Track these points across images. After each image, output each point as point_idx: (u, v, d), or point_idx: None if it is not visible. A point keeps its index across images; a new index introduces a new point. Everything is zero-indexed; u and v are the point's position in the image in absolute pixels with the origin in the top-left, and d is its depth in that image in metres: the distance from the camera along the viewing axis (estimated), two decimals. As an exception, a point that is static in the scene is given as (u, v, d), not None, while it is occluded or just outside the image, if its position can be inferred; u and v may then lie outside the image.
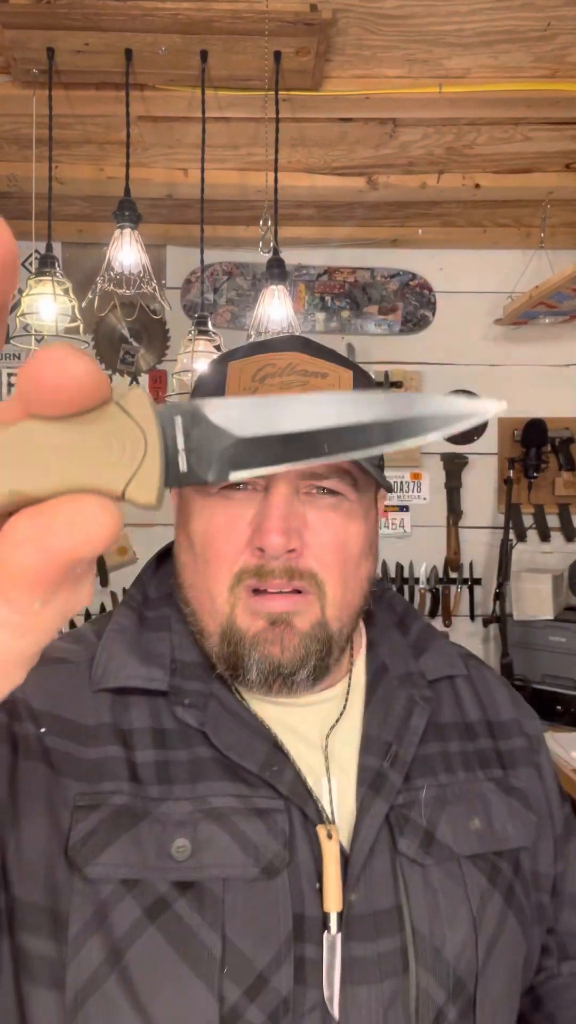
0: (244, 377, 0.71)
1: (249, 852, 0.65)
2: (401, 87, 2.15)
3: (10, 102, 2.22)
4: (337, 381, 0.73)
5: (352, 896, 0.66)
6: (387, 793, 0.71)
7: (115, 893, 0.63)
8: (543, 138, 2.42)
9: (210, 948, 0.62)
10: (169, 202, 2.77)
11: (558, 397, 3.22)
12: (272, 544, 0.67)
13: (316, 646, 0.71)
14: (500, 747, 0.81)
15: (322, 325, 3.22)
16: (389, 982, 0.65)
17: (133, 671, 0.72)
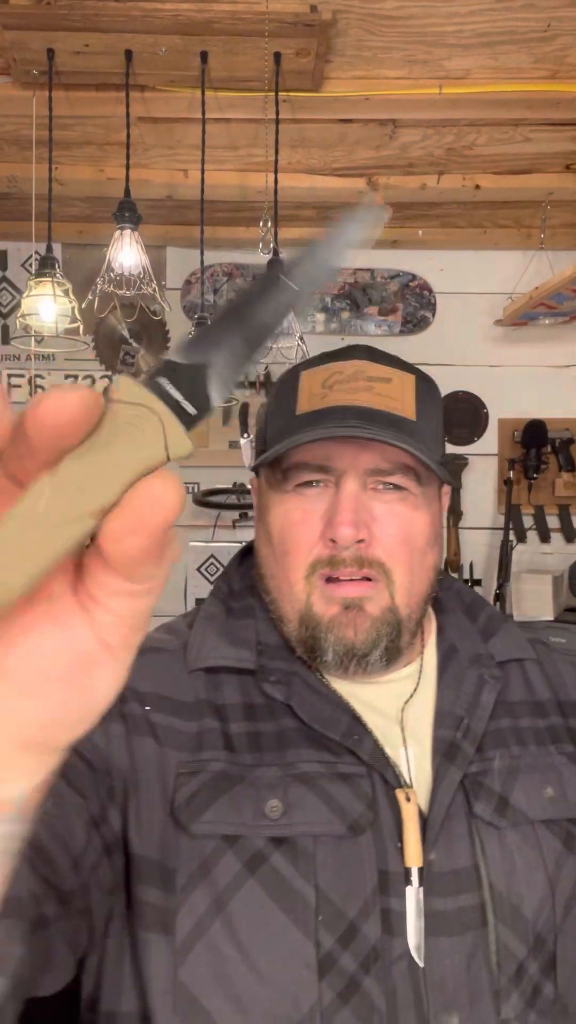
0: (314, 385, 0.78)
1: (336, 812, 0.72)
2: (401, 88, 2.15)
3: (10, 103, 2.22)
4: (400, 385, 0.78)
5: (431, 855, 0.72)
6: (461, 762, 0.76)
7: (217, 848, 0.70)
8: (543, 139, 2.41)
9: (305, 897, 0.69)
10: (169, 203, 2.77)
11: (558, 398, 3.22)
12: (343, 535, 0.73)
13: (387, 629, 0.77)
14: (571, 724, 0.84)
15: (322, 326, 3.22)
16: (470, 935, 0.70)
17: (224, 652, 0.80)
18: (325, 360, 0.81)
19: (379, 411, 0.76)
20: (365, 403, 0.76)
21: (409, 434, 0.75)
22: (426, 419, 0.79)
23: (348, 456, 0.76)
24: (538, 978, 0.71)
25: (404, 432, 0.75)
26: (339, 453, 0.76)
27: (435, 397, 0.83)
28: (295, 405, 0.79)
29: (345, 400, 0.76)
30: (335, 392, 0.76)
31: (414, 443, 0.74)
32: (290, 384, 0.80)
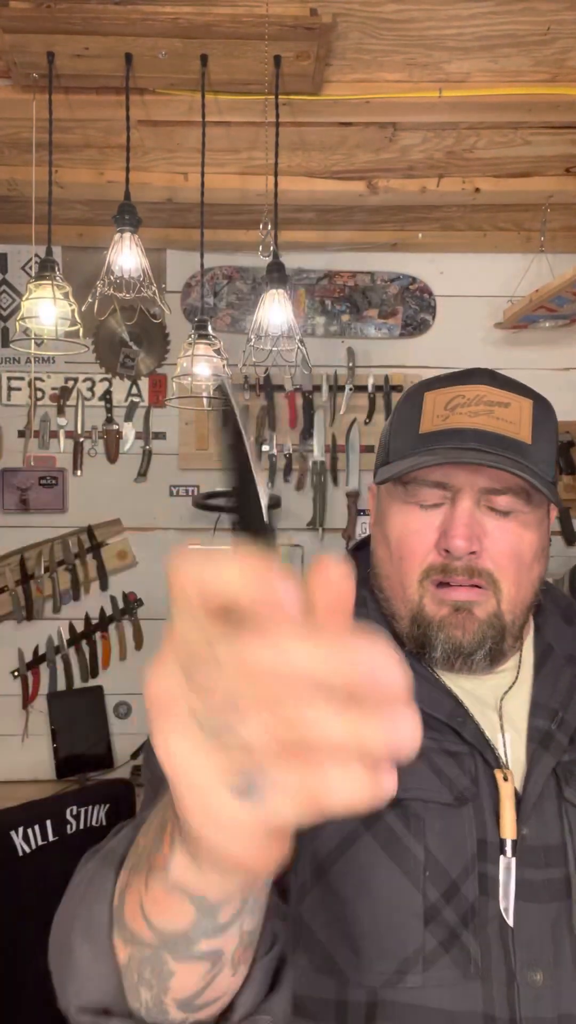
0: (438, 406, 0.85)
1: (444, 782, 0.80)
2: (401, 91, 2.15)
3: (10, 106, 2.22)
4: (519, 410, 0.85)
5: (524, 830, 0.79)
6: (555, 750, 0.83)
7: None
8: (543, 142, 2.42)
9: (415, 854, 0.77)
10: (169, 206, 2.77)
11: (558, 401, 3.16)
12: (457, 547, 0.80)
13: (492, 632, 0.83)
14: None
15: (322, 329, 3.22)
16: (555, 904, 0.78)
17: None
18: (449, 382, 0.87)
19: (497, 434, 0.82)
20: (484, 426, 0.82)
21: (523, 457, 0.81)
22: (540, 443, 0.84)
23: (465, 476, 0.82)
24: None
25: (519, 454, 0.81)
26: (457, 473, 0.82)
27: (551, 421, 0.88)
28: (419, 423, 0.85)
29: (466, 423, 0.83)
30: (457, 414, 0.83)
31: (525, 466, 0.81)
32: (415, 403, 0.87)
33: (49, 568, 3.16)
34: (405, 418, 0.87)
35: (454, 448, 0.81)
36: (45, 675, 3.14)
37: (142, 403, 3.22)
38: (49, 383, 3.20)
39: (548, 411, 0.89)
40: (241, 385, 3.12)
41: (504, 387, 0.87)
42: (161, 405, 3.20)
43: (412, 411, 0.86)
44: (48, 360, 3.17)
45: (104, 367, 3.19)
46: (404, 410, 0.88)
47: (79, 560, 3.17)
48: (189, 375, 2.28)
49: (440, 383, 0.88)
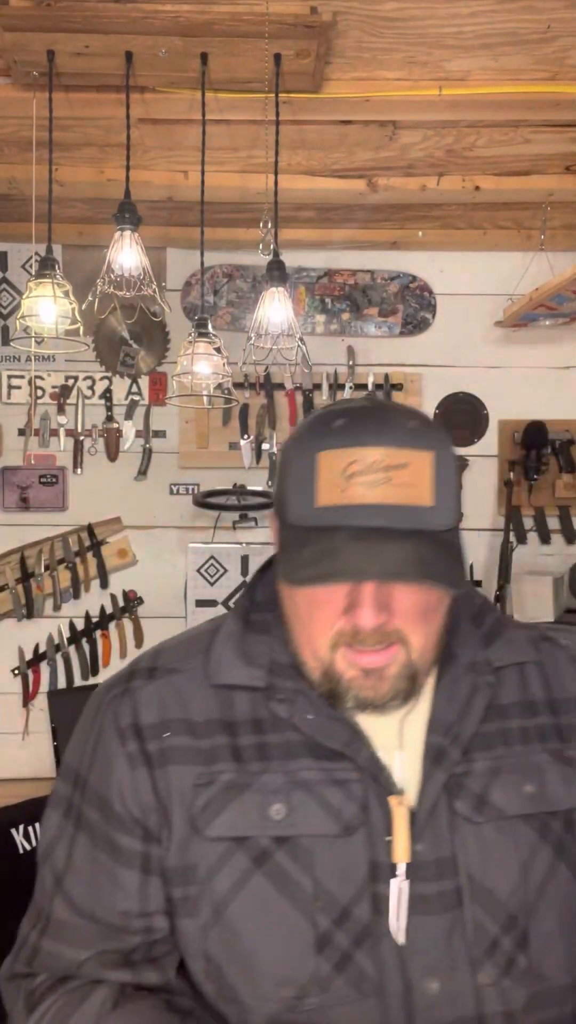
0: (333, 472, 0.80)
1: (331, 814, 0.83)
2: (401, 89, 2.15)
3: (10, 104, 2.22)
4: (418, 468, 0.80)
5: (418, 846, 0.83)
6: (447, 765, 0.85)
7: (229, 848, 0.83)
8: (543, 140, 2.42)
9: (303, 887, 0.81)
10: (169, 204, 2.77)
11: (558, 399, 3.22)
12: (366, 625, 0.80)
13: (405, 684, 0.84)
14: (561, 722, 0.92)
15: (322, 327, 3.22)
16: (448, 915, 0.82)
17: (238, 672, 0.89)
18: (343, 441, 0.81)
19: (396, 508, 0.79)
20: (384, 499, 0.79)
21: (425, 523, 0.80)
22: (442, 496, 0.81)
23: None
24: (511, 951, 0.82)
25: (420, 522, 0.80)
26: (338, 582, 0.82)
27: (450, 465, 0.84)
28: (315, 492, 0.81)
29: (364, 497, 0.79)
30: (354, 485, 0.79)
31: (427, 541, 0.79)
32: (308, 463, 0.81)
33: (49, 566, 3.16)
34: (299, 479, 0.82)
35: (355, 538, 0.78)
36: (45, 673, 3.14)
37: (142, 401, 3.22)
38: (49, 381, 3.20)
39: (447, 455, 0.84)
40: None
41: (402, 444, 0.81)
42: (161, 403, 3.20)
43: (306, 471, 0.81)
44: (48, 358, 3.17)
45: (104, 365, 3.19)
46: (297, 468, 0.83)
47: (79, 558, 3.17)
48: (189, 373, 2.28)
49: (335, 438, 0.81)
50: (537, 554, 3.22)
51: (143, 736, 0.88)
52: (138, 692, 0.90)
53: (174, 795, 0.85)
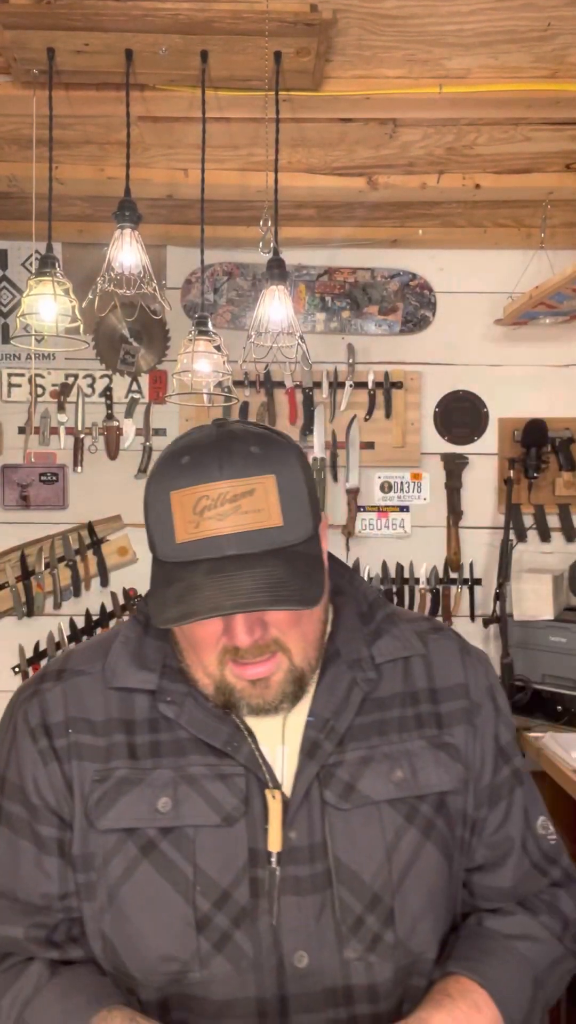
0: (186, 510, 0.87)
1: (213, 807, 0.91)
2: (401, 87, 2.15)
3: (10, 102, 2.22)
4: (264, 492, 0.87)
5: (291, 834, 0.91)
6: (319, 757, 0.93)
7: (120, 839, 0.91)
8: (543, 138, 2.41)
9: (185, 873, 0.89)
10: (169, 202, 2.77)
11: (558, 397, 3.22)
12: (242, 644, 0.88)
13: (291, 687, 0.92)
14: (440, 710, 0.99)
15: (322, 325, 3.22)
16: (317, 895, 0.90)
17: (131, 675, 0.97)
18: (189, 479, 0.87)
19: (247, 535, 0.85)
20: (235, 528, 0.85)
21: (278, 542, 0.86)
22: (291, 511, 0.88)
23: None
24: (377, 928, 0.90)
25: (272, 542, 0.86)
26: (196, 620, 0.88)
27: (297, 476, 0.89)
28: (173, 530, 0.88)
29: (216, 530, 0.85)
30: (206, 520, 0.86)
31: (281, 566, 0.86)
32: (164, 504, 0.88)
33: (50, 564, 3.16)
34: (159, 519, 0.89)
35: (213, 571, 0.85)
36: (46, 671, 3.14)
37: (142, 399, 3.22)
38: (49, 379, 3.20)
39: (292, 473, 0.89)
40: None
41: (244, 472, 0.86)
42: (161, 401, 3.20)
43: (164, 511, 0.89)
44: (48, 357, 3.17)
45: (104, 363, 3.20)
46: (156, 510, 0.90)
47: (79, 556, 3.17)
48: (189, 371, 2.28)
49: (184, 479, 0.88)
50: (537, 552, 3.22)
51: (51, 734, 0.96)
52: (46, 693, 0.98)
53: (76, 789, 0.94)
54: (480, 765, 0.99)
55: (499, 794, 1.01)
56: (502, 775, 1.01)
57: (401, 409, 3.20)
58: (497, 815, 1.00)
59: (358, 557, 3.22)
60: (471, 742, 0.99)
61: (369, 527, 3.23)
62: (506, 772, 1.02)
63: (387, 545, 3.24)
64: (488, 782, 1.00)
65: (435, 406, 3.24)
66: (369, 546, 3.23)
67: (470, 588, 3.22)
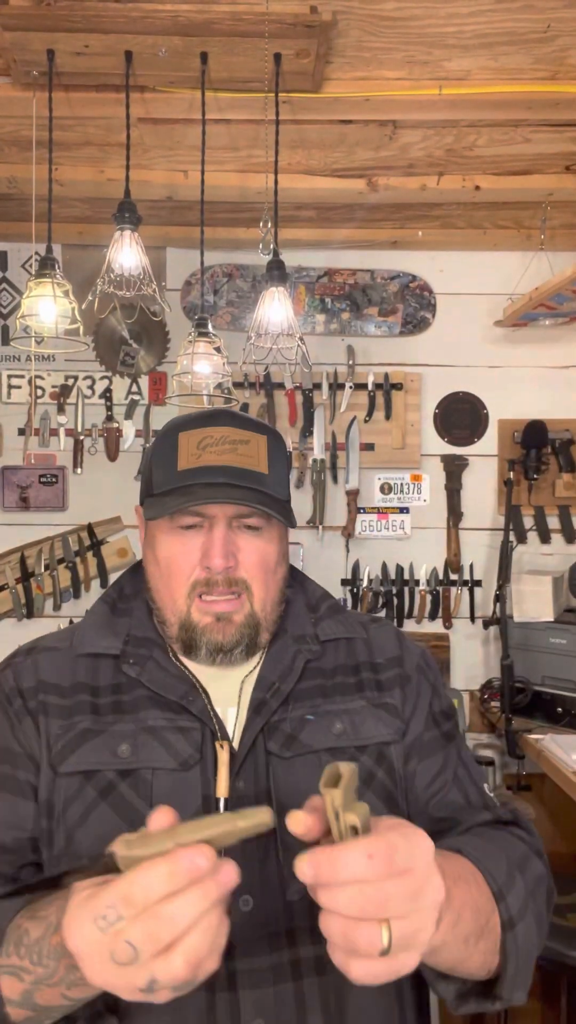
0: (191, 445, 1.03)
1: (171, 753, 0.98)
2: (401, 89, 2.15)
3: (10, 104, 2.22)
4: (256, 445, 1.05)
5: (239, 783, 0.97)
6: (264, 713, 1.01)
7: (80, 782, 0.97)
8: (543, 140, 2.42)
9: (142, 813, 0.92)
10: (169, 204, 2.77)
11: (558, 398, 3.22)
12: (216, 565, 1.00)
13: (248, 631, 1.03)
14: (380, 677, 1.09)
15: (322, 327, 3.22)
16: (263, 839, 0.91)
17: (96, 642, 1.07)
18: (198, 424, 1.05)
19: (240, 468, 1.02)
20: (230, 463, 1.02)
21: (262, 485, 1.02)
22: (275, 470, 1.06)
23: (218, 507, 1.02)
24: None
25: (258, 483, 1.02)
26: (211, 505, 1.01)
27: (282, 451, 1.09)
28: (176, 461, 1.03)
29: (215, 461, 1.02)
30: (207, 453, 1.02)
31: (264, 493, 1.01)
32: (171, 442, 1.05)
33: (49, 566, 3.16)
34: (164, 456, 1.04)
35: (208, 485, 1.00)
36: (45, 673, 3.14)
37: (142, 401, 3.22)
38: (49, 381, 3.20)
39: (280, 443, 1.09)
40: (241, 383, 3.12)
41: (243, 427, 1.06)
42: (161, 403, 3.20)
43: (169, 449, 1.04)
44: (48, 358, 3.17)
45: (104, 365, 3.20)
46: (163, 448, 1.05)
47: (79, 558, 3.17)
48: (189, 373, 2.28)
49: (190, 424, 1.05)
50: (537, 553, 3.22)
51: (24, 696, 1.03)
52: (18, 665, 1.07)
53: (43, 742, 1.00)
54: (409, 721, 1.07)
55: (429, 749, 1.07)
56: (432, 733, 1.08)
57: (401, 410, 3.20)
58: (431, 765, 1.06)
59: (358, 559, 3.21)
60: (405, 703, 1.08)
61: (369, 529, 3.22)
62: (434, 732, 1.09)
63: (387, 547, 3.24)
64: (418, 736, 1.07)
65: (435, 407, 3.24)
66: (369, 548, 3.23)
67: (470, 589, 3.22)
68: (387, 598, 3.19)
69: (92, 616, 1.11)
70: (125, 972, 0.64)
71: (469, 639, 3.23)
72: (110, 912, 0.64)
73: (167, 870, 0.64)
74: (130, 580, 1.17)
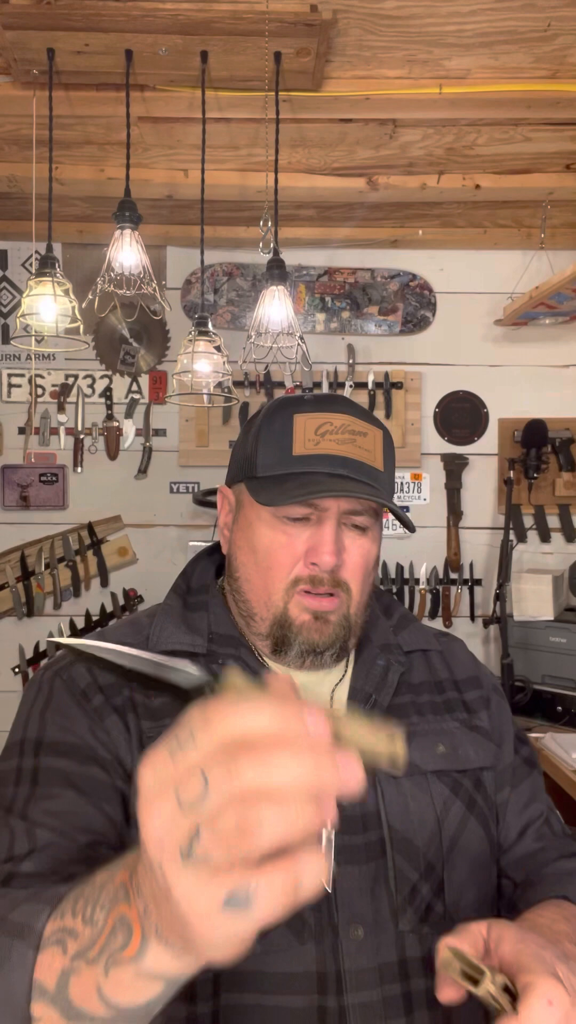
0: (309, 430, 0.96)
1: None
2: (401, 88, 2.15)
3: (10, 103, 2.22)
4: (374, 439, 0.99)
5: (344, 802, 0.80)
6: None
7: None
8: (543, 139, 2.41)
9: None
10: (169, 203, 2.77)
11: (558, 398, 3.22)
12: (326, 563, 0.94)
13: (342, 632, 0.97)
14: (465, 697, 1.05)
15: (322, 325, 3.22)
16: (372, 864, 0.89)
17: (180, 638, 0.98)
18: (316, 407, 0.98)
19: (359, 462, 0.96)
20: (349, 454, 0.96)
21: (377, 482, 0.97)
22: (388, 468, 1.01)
23: (331, 500, 0.95)
24: (429, 898, 0.90)
25: (374, 480, 0.97)
26: (328, 498, 0.95)
27: (392, 449, 1.04)
28: (291, 444, 0.96)
29: (334, 450, 0.96)
30: (326, 440, 0.96)
31: (382, 492, 0.96)
32: (285, 422, 0.97)
33: (50, 565, 3.16)
34: (275, 435, 0.97)
35: (327, 475, 0.94)
36: (46, 671, 3.14)
37: (142, 400, 3.22)
38: (49, 380, 3.20)
39: (391, 441, 1.03)
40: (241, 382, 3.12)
41: (363, 417, 0.99)
42: (161, 402, 3.20)
43: (283, 430, 0.97)
44: (48, 357, 3.17)
45: (104, 364, 3.20)
46: (273, 427, 0.98)
47: (79, 557, 3.17)
48: (189, 372, 2.28)
49: (308, 406, 0.98)
50: (537, 552, 3.22)
51: (106, 692, 0.93)
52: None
53: (134, 743, 0.92)
54: (501, 746, 1.04)
55: (521, 773, 1.04)
56: (522, 755, 1.06)
57: (401, 409, 3.20)
58: (521, 794, 1.03)
59: (358, 557, 3.21)
60: (493, 728, 1.04)
61: (369, 527, 3.22)
62: (525, 752, 1.06)
63: (387, 545, 3.23)
64: (509, 762, 1.04)
65: (435, 406, 3.24)
66: (369, 546, 3.23)
67: (470, 588, 3.22)
68: (387, 597, 3.19)
69: (168, 611, 1.03)
70: (195, 844, 0.44)
71: (469, 638, 3.23)
72: (183, 734, 0.48)
73: (277, 711, 0.46)
74: (196, 571, 1.10)
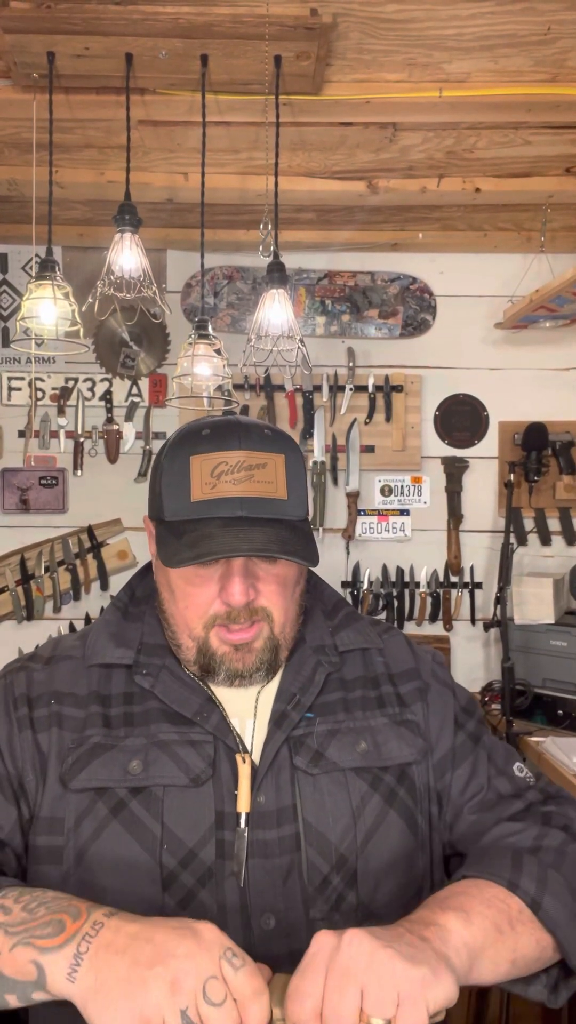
0: (204, 473, 0.96)
1: (182, 768, 0.95)
2: (401, 91, 2.15)
3: (11, 106, 2.22)
4: (274, 468, 0.97)
5: (260, 798, 0.95)
6: (286, 727, 0.99)
7: (92, 799, 0.94)
8: (543, 142, 2.42)
9: (153, 831, 0.93)
10: (169, 206, 2.77)
11: (558, 401, 3.22)
12: (237, 602, 0.96)
13: (268, 655, 1.00)
14: (400, 691, 1.08)
15: (322, 329, 3.22)
16: (286, 857, 0.94)
17: (109, 652, 1.04)
18: (211, 446, 0.97)
19: (258, 499, 0.95)
20: (247, 493, 0.95)
21: (281, 512, 0.96)
22: (294, 491, 0.99)
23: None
24: (341, 889, 0.94)
25: (277, 511, 0.96)
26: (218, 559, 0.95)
27: (300, 466, 1.01)
28: (189, 489, 0.96)
29: (231, 492, 0.95)
30: (222, 482, 0.95)
31: (283, 524, 0.96)
32: (182, 465, 0.97)
33: (49, 568, 3.16)
34: (175, 478, 0.97)
35: (225, 523, 0.94)
36: (45, 675, 3.14)
37: (142, 403, 3.22)
38: (49, 383, 3.20)
39: (297, 458, 1.01)
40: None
41: (259, 447, 0.97)
42: (161, 405, 3.20)
43: (181, 474, 0.97)
44: (48, 360, 3.17)
45: (104, 367, 3.19)
46: (173, 469, 0.98)
47: (79, 560, 3.17)
48: (189, 375, 2.28)
49: (204, 445, 0.97)
50: (537, 555, 3.22)
51: (32, 705, 1.01)
52: (34, 672, 1.04)
53: (52, 755, 0.98)
54: (436, 738, 1.06)
55: (460, 756, 1.07)
56: (458, 740, 1.08)
57: (401, 412, 3.20)
58: (463, 772, 1.06)
59: (358, 561, 3.21)
60: (428, 717, 1.07)
61: (369, 531, 3.22)
62: (461, 737, 1.08)
63: (387, 549, 3.23)
64: (450, 745, 1.06)
65: (435, 409, 3.24)
66: (369, 550, 3.23)
67: (470, 592, 3.22)
68: (387, 600, 3.19)
69: (104, 624, 1.08)
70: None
71: (470, 641, 3.22)
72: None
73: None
74: (141, 582, 1.14)
